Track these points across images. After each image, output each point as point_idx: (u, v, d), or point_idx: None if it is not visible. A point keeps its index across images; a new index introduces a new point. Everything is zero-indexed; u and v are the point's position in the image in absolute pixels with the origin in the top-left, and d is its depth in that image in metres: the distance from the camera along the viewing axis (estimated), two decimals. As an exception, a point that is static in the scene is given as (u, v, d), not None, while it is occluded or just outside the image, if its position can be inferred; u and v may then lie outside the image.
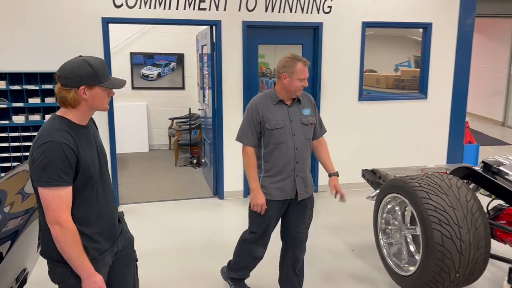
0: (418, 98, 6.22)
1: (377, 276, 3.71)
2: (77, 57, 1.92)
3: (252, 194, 2.95)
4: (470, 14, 6.11)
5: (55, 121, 1.88)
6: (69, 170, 1.80)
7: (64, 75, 1.86)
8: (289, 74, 2.85)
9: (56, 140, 1.78)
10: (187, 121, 7.97)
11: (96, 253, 1.94)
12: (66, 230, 1.80)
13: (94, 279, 1.88)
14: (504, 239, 3.18)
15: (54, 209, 1.78)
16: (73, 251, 1.82)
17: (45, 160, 1.76)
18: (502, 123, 11.14)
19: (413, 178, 3.05)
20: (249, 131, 2.94)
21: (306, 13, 5.54)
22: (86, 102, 1.89)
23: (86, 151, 1.90)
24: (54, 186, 1.77)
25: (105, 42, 5.10)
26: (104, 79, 1.90)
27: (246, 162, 2.96)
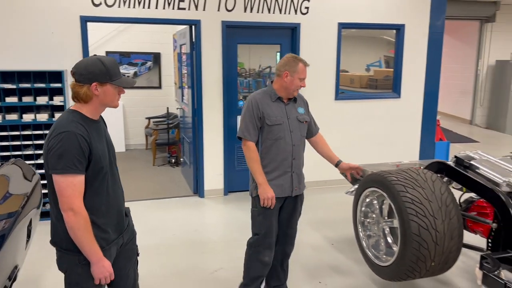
0: (391, 97, 6.42)
1: (356, 268, 3.85)
2: (92, 56, 2.04)
3: (261, 189, 2.93)
4: (440, 16, 6.35)
5: (70, 114, 2.00)
6: (83, 159, 1.90)
7: (79, 72, 1.97)
8: (291, 73, 2.94)
9: (71, 131, 1.89)
10: (164, 121, 7.96)
11: (104, 242, 2.03)
12: (79, 216, 1.89)
13: (103, 264, 1.99)
14: (475, 230, 3.36)
15: (68, 195, 1.88)
16: (85, 236, 1.92)
17: (61, 149, 1.87)
18: (470, 121, 11.56)
19: (390, 173, 3.18)
20: (251, 127, 2.97)
21: (284, 14, 5.65)
22: (98, 98, 2.00)
23: (98, 143, 2.00)
24: (69, 173, 1.87)
25: (84, 41, 5.07)
26: (116, 77, 2.01)
27: (250, 157, 2.97)
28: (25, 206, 2.64)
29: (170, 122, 7.78)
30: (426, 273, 2.98)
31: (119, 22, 6.06)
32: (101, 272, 1.99)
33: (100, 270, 1.98)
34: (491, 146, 8.92)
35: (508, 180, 3.03)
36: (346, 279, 3.69)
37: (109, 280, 2.05)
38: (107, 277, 2.02)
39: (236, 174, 5.89)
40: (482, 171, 3.24)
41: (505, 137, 10.33)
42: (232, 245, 4.34)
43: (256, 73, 6.41)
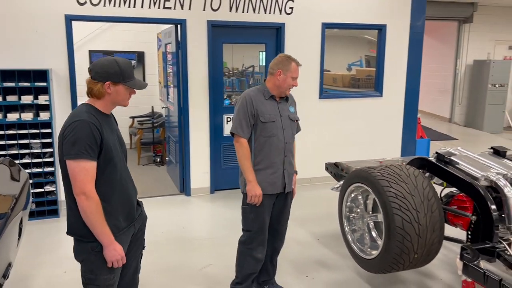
0: (374, 96, 6.57)
1: (342, 262, 3.96)
2: (110, 57, 2.17)
3: (249, 186, 2.98)
4: (420, 17, 6.52)
5: (84, 106, 2.16)
6: (94, 146, 2.04)
7: (95, 70, 2.12)
8: (284, 71, 3.01)
9: (85, 119, 2.04)
10: (149, 120, 7.95)
11: (115, 229, 2.14)
12: (91, 200, 2.02)
13: (114, 247, 2.10)
14: (455, 223, 3.49)
15: (80, 180, 2.01)
16: (96, 219, 2.04)
17: (74, 136, 2.01)
18: (449, 119, 11.83)
19: (375, 169, 3.29)
20: (244, 123, 3.01)
21: (268, 14, 5.73)
22: (110, 96, 2.15)
23: (109, 135, 2.13)
24: (81, 159, 2.00)
25: (69, 40, 5.05)
26: (129, 79, 2.15)
27: (241, 154, 3.01)
28: (16, 206, 2.65)
29: (155, 121, 7.79)
30: (410, 265, 3.10)
31: (105, 21, 6.04)
32: (113, 255, 2.10)
33: (112, 253, 2.10)
34: (469, 143, 9.17)
35: (486, 174, 3.17)
36: (332, 273, 3.79)
37: (121, 264, 2.16)
38: (118, 260, 2.13)
39: (223, 173, 5.94)
40: (461, 166, 3.37)
41: (482, 134, 10.62)
42: (220, 242, 4.40)
43: (240, 72, 6.48)
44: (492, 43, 11.44)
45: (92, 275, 2.14)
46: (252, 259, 3.14)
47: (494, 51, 11.50)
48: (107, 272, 2.15)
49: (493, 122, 10.98)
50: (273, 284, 3.43)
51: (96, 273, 2.13)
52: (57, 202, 5.02)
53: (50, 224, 4.83)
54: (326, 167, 4.68)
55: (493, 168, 3.28)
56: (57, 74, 5.05)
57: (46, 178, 4.97)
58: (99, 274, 2.14)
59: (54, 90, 5.04)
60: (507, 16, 11.29)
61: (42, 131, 4.85)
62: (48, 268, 3.83)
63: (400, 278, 3.69)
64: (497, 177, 3.10)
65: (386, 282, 3.63)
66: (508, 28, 11.41)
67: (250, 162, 3.02)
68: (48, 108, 4.86)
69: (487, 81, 10.79)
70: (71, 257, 2.24)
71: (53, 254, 4.09)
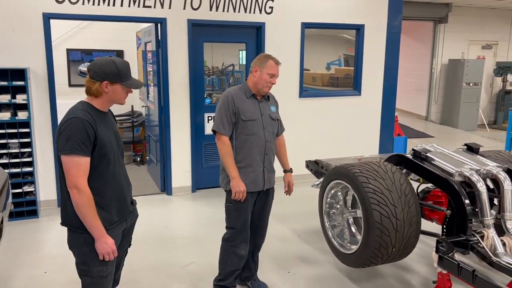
0: (352, 95, 6.68)
1: (323, 257, 4.04)
2: (108, 57, 2.23)
3: (233, 182, 3.01)
4: (397, 17, 6.66)
5: (80, 104, 2.24)
6: (88, 142, 2.12)
7: (93, 69, 2.21)
8: (260, 68, 3.05)
9: (79, 117, 2.12)
10: (129, 119, 7.90)
11: (106, 223, 2.20)
12: (82, 193, 2.10)
13: (105, 240, 2.17)
14: (431, 217, 3.60)
15: (73, 174, 2.09)
16: (88, 212, 2.12)
17: (68, 132, 2.10)
18: (426, 117, 12.10)
19: (354, 165, 3.37)
20: (226, 121, 3.04)
21: (249, 13, 5.77)
22: (107, 95, 2.23)
23: (104, 131, 2.19)
24: (74, 154, 2.09)
25: (47, 38, 4.99)
26: (125, 79, 2.22)
27: (223, 151, 3.04)
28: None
29: (135, 120, 7.74)
30: (388, 259, 3.19)
31: (84, 20, 5.99)
32: (104, 248, 2.16)
33: (103, 246, 2.16)
34: (445, 140, 9.40)
35: (460, 170, 3.28)
36: (313, 268, 3.86)
37: (112, 257, 2.22)
38: (109, 253, 2.19)
39: (204, 171, 5.96)
40: (437, 162, 3.48)
41: (458, 132, 10.90)
42: (202, 240, 4.43)
43: (220, 71, 6.50)
44: (466, 43, 11.76)
45: (85, 266, 2.22)
46: (235, 256, 3.18)
47: (468, 50, 11.82)
48: (100, 264, 2.21)
49: (468, 120, 11.29)
50: (255, 280, 3.48)
51: (89, 264, 2.21)
52: (36, 202, 4.96)
53: (29, 224, 4.76)
54: (307, 164, 4.75)
55: (467, 164, 3.39)
56: (35, 73, 4.98)
57: (25, 178, 4.91)
58: (92, 265, 2.21)
59: (32, 89, 4.97)
60: (481, 16, 11.61)
61: (20, 130, 4.78)
62: (28, 268, 3.79)
63: (378, 272, 3.79)
64: (470, 173, 3.21)
65: (365, 276, 3.72)
66: (481, 28, 11.74)
67: (232, 159, 3.05)
68: (26, 107, 4.79)
69: (462, 80, 11.08)
70: (51, 257, 2.27)
71: (33, 254, 4.05)
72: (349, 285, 3.59)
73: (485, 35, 11.88)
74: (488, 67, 11.85)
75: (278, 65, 3.10)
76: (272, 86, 3.12)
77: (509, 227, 3.11)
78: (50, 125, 5.12)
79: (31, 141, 4.85)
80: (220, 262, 3.27)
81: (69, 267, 2.34)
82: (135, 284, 3.54)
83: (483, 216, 3.10)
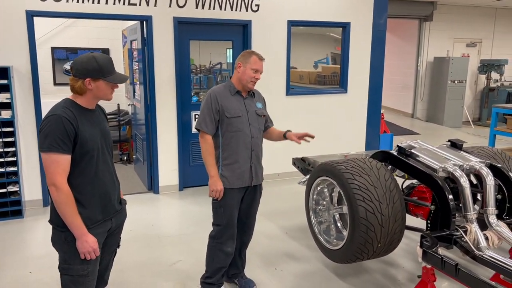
0: (339, 92, 6.72)
1: (309, 254, 4.07)
2: (89, 53, 2.18)
3: (211, 181, 3.04)
4: (382, 15, 6.72)
5: (63, 101, 2.20)
6: (67, 140, 2.08)
7: (75, 67, 2.17)
8: (244, 64, 3.06)
9: (58, 114, 2.09)
10: (115, 117, 7.84)
11: (88, 221, 2.17)
12: (60, 191, 2.07)
13: (86, 239, 2.13)
14: (416, 213, 3.64)
15: (51, 172, 2.07)
16: (67, 210, 2.09)
17: (47, 129, 2.07)
18: (412, 115, 12.23)
19: (339, 162, 3.39)
20: (209, 119, 3.05)
21: (235, 11, 5.77)
22: (91, 92, 2.19)
23: (87, 128, 2.15)
24: (52, 151, 2.06)
25: (30, 37, 4.93)
26: (108, 74, 2.18)
27: (205, 149, 3.06)
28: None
29: (121, 119, 7.69)
30: (374, 254, 3.22)
31: (68, 17, 5.92)
32: (84, 247, 2.14)
33: (83, 244, 2.13)
34: (430, 137, 9.51)
35: (444, 166, 3.32)
36: (300, 265, 3.89)
37: (94, 256, 2.18)
38: (90, 252, 2.16)
39: (191, 170, 5.95)
40: (421, 158, 3.52)
41: (443, 129, 11.03)
42: (189, 238, 4.42)
43: (207, 69, 6.49)
44: (451, 41, 11.90)
45: (65, 264, 2.19)
46: (222, 253, 3.18)
47: (453, 48, 11.96)
48: (80, 262, 2.18)
49: (453, 117, 11.43)
50: (243, 277, 3.49)
51: (69, 263, 2.18)
52: (21, 202, 4.90)
53: (14, 225, 4.71)
54: (293, 162, 4.78)
55: (451, 160, 3.44)
56: (19, 71, 4.92)
57: (9, 178, 4.85)
58: (73, 264, 2.18)
59: (16, 88, 4.91)
60: (465, 14, 11.77)
61: (4, 129, 4.72)
62: (13, 269, 3.75)
63: (364, 267, 3.83)
64: (454, 168, 3.26)
65: (352, 271, 3.76)
66: (466, 26, 11.90)
67: (213, 158, 3.07)
68: (9, 106, 4.73)
69: (447, 77, 11.22)
70: (37, 257, 2.25)
71: (18, 255, 4.00)
72: (336, 281, 3.63)
73: (469, 33, 12.04)
74: (473, 64, 12.01)
75: (261, 60, 3.10)
76: (256, 81, 3.12)
77: (491, 222, 3.17)
78: (35, 124, 5.06)
79: (15, 140, 4.79)
80: (207, 260, 3.27)
81: (55, 267, 2.31)
82: (122, 283, 3.53)
83: (466, 211, 3.15)
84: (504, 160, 3.81)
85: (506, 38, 12.51)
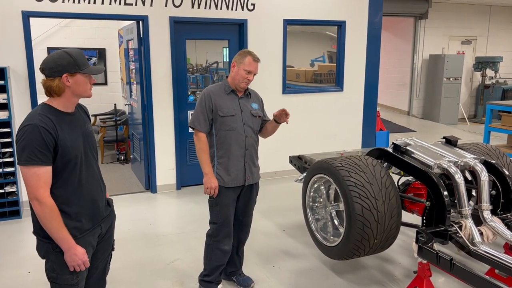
0: (335, 91, 6.75)
1: (307, 251, 4.09)
2: (58, 50, 2.09)
3: (206, 178, 3.07)
4: (377, 13, 6.75)
5: (39, 107, 2.07)
6: (46, 151, 1.96)
7: (48, 67, 2.02)
8: (238, 64, 3.08)
9: (34, 123, 1.96)
10: (112, 117, 7.85)
11: (76, 231, 2.08)
12: (43, 205, 1.97)
13: (74, 252, 2.04)
14: (412, 209, 3.67)
15: (32, 185, 1.96)
16: (52, 224, 1.99)
17: (24, 141, 1.94)
18: (408, 112, 12.28)
19: (335, 160, 3.42)
20: (202, 118, 3.09)
21: (231, 10, 5.79)
22: (70, 89, 2.07)
23: (67, 135, 2.04)
24: (32, 165, 1.94)
25: (27, 37, 4.93)
26: (84, 66, 2.08)
27: (199, 147, 3.09)
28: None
29: (118, 119, 7.69)
30: (370, 250, 3.25)
31: (64, 18, 5.93)
32: (73, 260, 2.05)
33: (72, 258, 2.05)
34: (426, 134, 9.56)
35: (439, 162, 3.36)
36: (297, 262, 3.92)
37: (83, 268, 2.10)
38: (80, 264, 2.07)
39: (189, 169, 5.97)
40: (416, 155, 3.55)
41: (439, 126, 11.08)
42: (187, 237, 4.44)
43: (204, 68, 6.51)
44: (446, 38, 11.96)
45: (53, 273, 2.11)
46: (219, 251, 3.21)
47: (448, 46, 12.02)
48: (69, 272, 2.10)
49: (449, 114, 11.49)
50: (241, 275, 3.51)
51: (57, 272, 2.10)
52: (19, 203, 4.91)
53: (12, 225, 4.72)
54: (290, 160, 4.81)
55: (445, 157, 3.47)
56: (15, 72, 4.92)
57: (7, 179, 4.85)
58: (61, 273, 2.10)
59: (13, 88, 4.91)
60: (460, 12, 11.82)
61: (1, 130, 4.73)
62: (12, 269, 3.77)
63: (361, 264, 3.86)
64: (448, 165, 3.30)
65: (349, 268, 3.79)
66: (460, 24, 11.96)
67: (207, 155, 3.10)
68: (6, 107, 4.74)
69: (442, 75, 11.27)
70: (35, 257, 2.22)
71: (17, 254, 4.02)
72: (333, 277, 3.66)
73: (464, 31, 12.10)
74: (468, 62, 12.08)
75: (256, 62, 3.12)
76: (249, 82, 3.14)
77: (486, 217, 3.20)
78: (32, 125, 5.06)
79: (12, 140, 4.79)
80: (205, 258, 3.30)
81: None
82: (120, 282, 3.55)
83: (461, 207, 3.18)
84: (498, 156, 3.85)
85: (500, 36, 12.59)
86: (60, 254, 2.05)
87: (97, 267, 2.33)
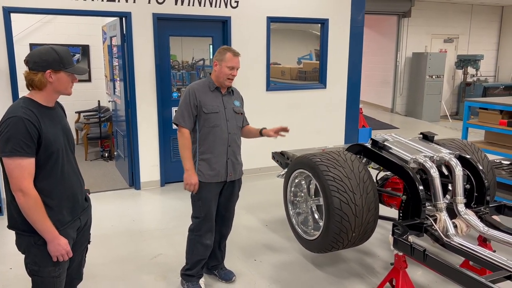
0: (318, 88, 6.83)
1: (288, 245, 4.17)
2: (46, 46, 2.12)
3: (186, 174, 3.11)
4: (360, 11, 6.84)
5: (21, 100, 2.10)
6: (30, 142, 2.00)
7: (32, 60, 2.05)
8: (219, 62, 3.13)
9: (19, 116, 1.99)
10: (96, 114, 7.82)
11: (58, 224, 2.12)
12: (27, 197, 2.00)
13: (58, 242, 2.08)
14: (390, 203, 3.77)
15: (16, 177, 1.98)
16: (36, 215, 2.03)
17: (8, 133, 1.97)
18: (391, 109, 12.43)
19: (315, 155, 3.49)
20: (186, 114, 3.12)
21: (214, 7, 5.81)
22: (52, 85, 2.10)
23: (49, 128, 2.08)
24: (16, 156, 1.97)
25: (8, 33, 4.90)
26: (69, 65, 2.11)
27: (182, 143, 3.13)
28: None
29: (102, 116, 7.67)
30: (349, 243, 3.33)
31: (46, 14, 5.88)
32: (57, 250, 2.09)
33: (56, 248, 2.09)
34: (409, 131, 9.69)
35: (415, 157, 3.45)
36: (279, 255, 3.98)
37: (66, 258, 2.14)
38: (63, 254, 2.12)
39: (172, 165, 5.99)
40: (394, 150, 3.64)
41: (421, 123, 11.26)
42: (170, 233, 4.48)
43: (190, 65, 6.52)
44: (429, 37, 12.13)
45: (35, 266, 2.13)
46: (201, 245, 3.25)
47: (430, 44, 12.20)
48: (52, 264, 2.13)
49: (431, 112, 11.67)
50: (222, 269, 3.57)
51: (39, 265, 2.12)
52: (0, 200, 4.89)
53: (-6, 222, 4.70)
54: (273, 156, 4.87)
55: (422, 152, 3.56)
56: (-4, 68, 4.89)
57: (-12, 176, 4.82)
58: (43, 266, 2.12)
59: (-6, 85, 4.88)
60: (442, 11, 12.01)
61: (-18, 127, 4.69)
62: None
63: (341, 257, 3.94)
64: (424, 160, 3.39)
65: (328, 261, 3.87)
66: (443, 22, 12.14)
67: (189, 152, 3.14)
68: (-13, 103, 4.71)
69: (425, 72, 11.44)
70: (17, 253, 2.23)
71: (-2, 251, 4.02)
72: (313, 270, 3.73)
73: (446, 29, 12.30)
74: (450, 60, 12.28)
75: (237, 56, 3.16)
76: (234, 78, 3.19)
77: (460, 210, 3.30)
78: (13, 121, 5.03)
79: (-7, 137, 4.76)
80: (187, 252, 3.34)
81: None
82: (103, 277, 3.57)
83: (436, 200, 3.28)
84: (473, 152, 3.96)
85: (482, 34, 12.81)
86: (43, 246, 2.09)
87: (74, 260, 2.36)
